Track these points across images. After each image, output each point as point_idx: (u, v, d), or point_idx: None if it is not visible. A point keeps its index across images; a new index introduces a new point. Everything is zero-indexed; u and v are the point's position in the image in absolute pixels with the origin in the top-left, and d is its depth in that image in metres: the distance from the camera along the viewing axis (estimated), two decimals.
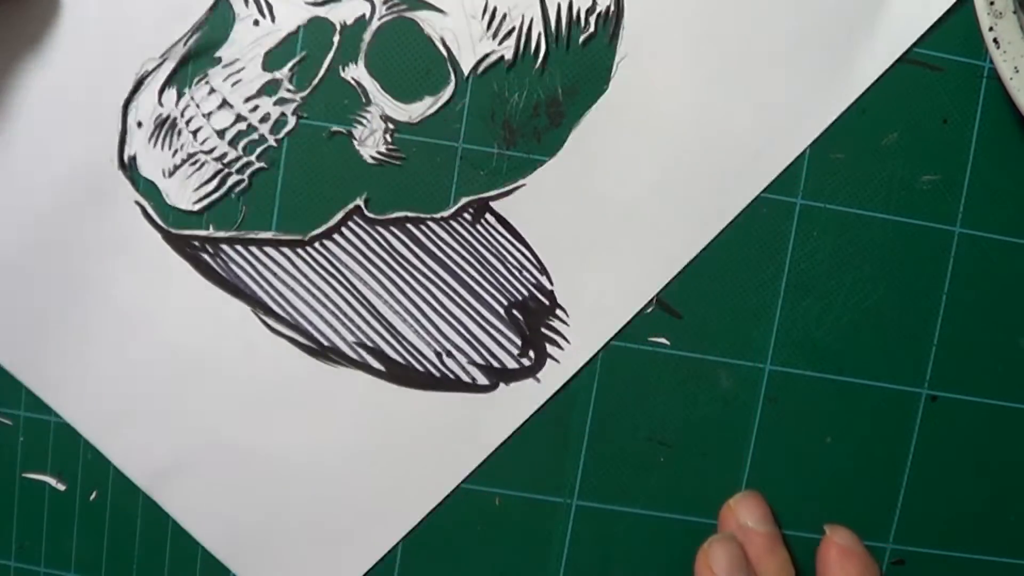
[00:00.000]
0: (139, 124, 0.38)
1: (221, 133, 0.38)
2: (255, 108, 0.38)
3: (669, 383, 0.40)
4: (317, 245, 0.39)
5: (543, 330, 0.40)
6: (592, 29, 0.39)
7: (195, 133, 0.38)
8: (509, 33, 0.38)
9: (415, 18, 0.38)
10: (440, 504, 0.41)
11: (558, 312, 0.40)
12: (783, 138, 0.39)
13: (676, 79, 0.39)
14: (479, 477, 0.41)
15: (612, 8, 0.39)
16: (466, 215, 0.39)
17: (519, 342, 0.40)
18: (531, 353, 0.40)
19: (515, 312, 0.40)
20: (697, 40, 0.39)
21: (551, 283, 0.40)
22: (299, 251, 0.39)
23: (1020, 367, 0.41)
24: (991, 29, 0.37)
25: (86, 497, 0.41)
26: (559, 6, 0.38)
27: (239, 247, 0.39)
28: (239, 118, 0.38)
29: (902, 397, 0.41)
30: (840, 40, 0.39)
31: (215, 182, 0.39)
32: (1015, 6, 0.36)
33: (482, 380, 0.40)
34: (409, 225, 0.39)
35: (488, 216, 0.39)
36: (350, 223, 0.39)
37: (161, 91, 0.38)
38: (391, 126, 0.39)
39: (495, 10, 0.38)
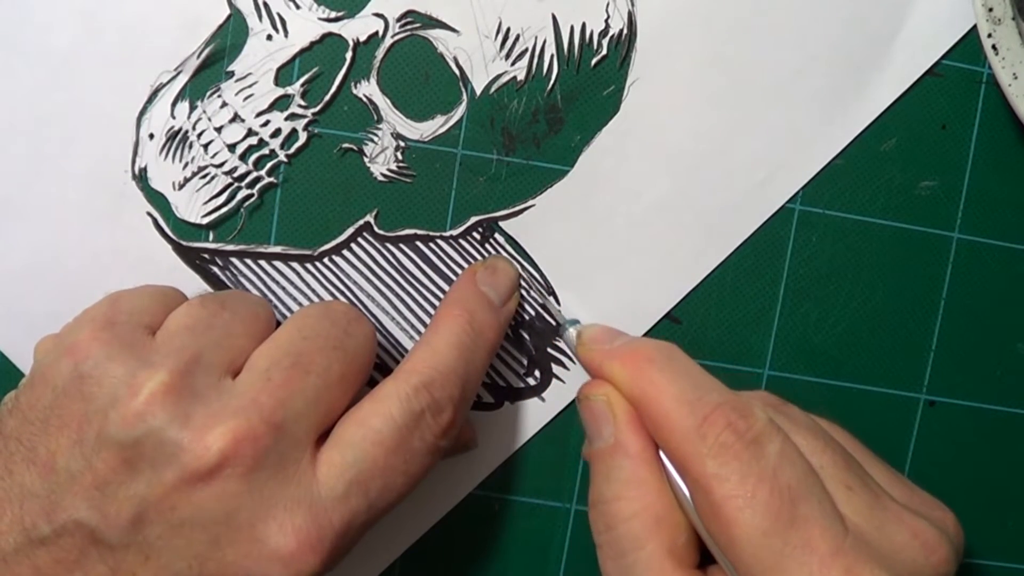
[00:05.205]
0: (151, 136, 0.38)
1: (232, 147, 0.38)
2: (266, 123, 0.38)
3: None
4: (326, 260, 0.39)
5: (549, 350, 0.40)
6: (604, 52, 0.39)
7: (206, 146, 0.38)
8: (522, 54, 0.39)
9: (428, 37, 0.39)
10: None
11: None
12: (793, 162, 0.40)
13: (687, 103, 0.39)
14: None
15: (625, 32, 0.39)
16: (475, 234, 0.39)
17: (525, 361, 0.40)
18: (537, 372, 0.40)
19: (521, 332, 0.40)
20: (708, 64, 0.39)
21: (558, 303, 0.40)
22: (308, 266, 0.39)
23: (1018, 372, 0.41)
24: (990, 36, 0.37)
25: None
26: (572, 28, 0.39)
27: (248, 260, 0.39)
28: (250, 132, 0.38)
29: (900, 402, 0.41)
30: (851, 65, 0.40)
31: (224, 196, 0.38)
32: (1014, 12, 0.37)
33: (488, 398, 0.40)
34: (418, 243, 0.39)
35: (497, 235, 0.39)
36: (360, 239, 0.39)
37: (174, 103, 0.38)
38: (402, 143, 0.39)
39: (508, 30, 0.38)
